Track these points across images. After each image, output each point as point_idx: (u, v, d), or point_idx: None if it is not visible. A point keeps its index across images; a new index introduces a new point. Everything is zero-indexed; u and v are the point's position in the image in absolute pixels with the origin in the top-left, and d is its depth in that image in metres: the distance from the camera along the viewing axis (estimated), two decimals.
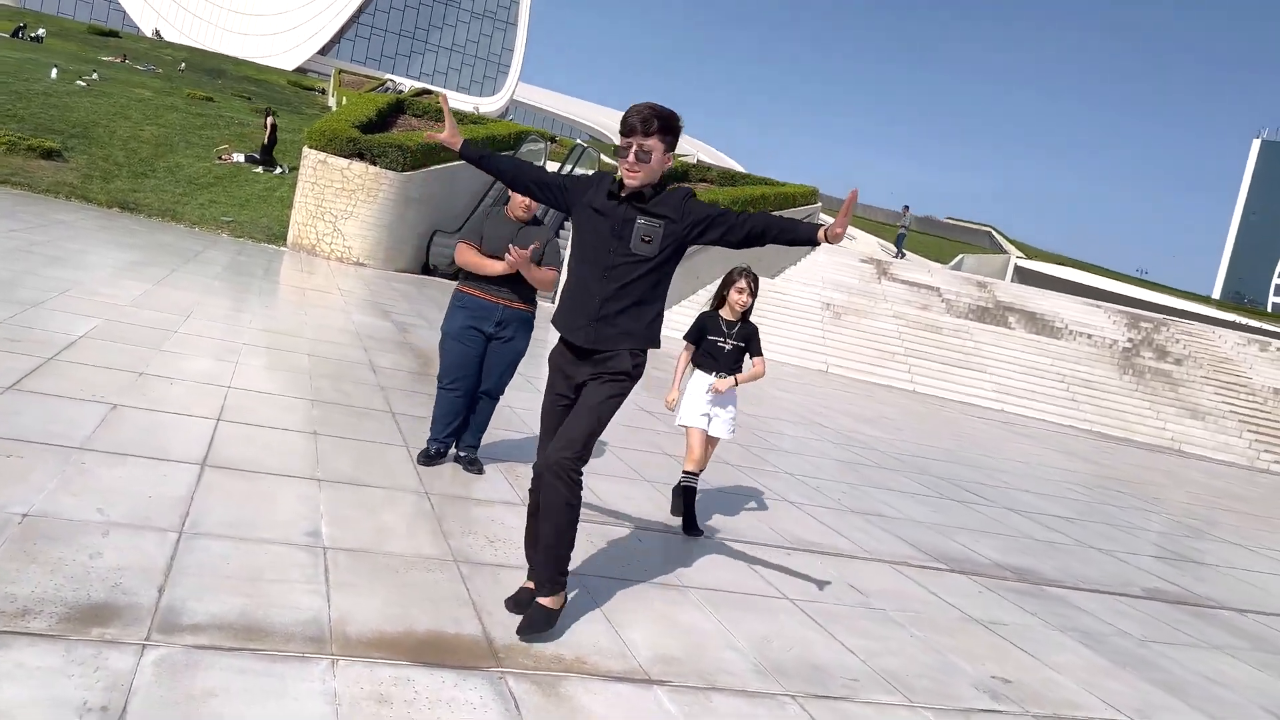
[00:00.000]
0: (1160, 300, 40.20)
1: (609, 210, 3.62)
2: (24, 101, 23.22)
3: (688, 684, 3.51)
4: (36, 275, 8.98)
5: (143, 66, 44.73)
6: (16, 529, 3.53)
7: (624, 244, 3.58)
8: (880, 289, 24.48)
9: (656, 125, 3.52)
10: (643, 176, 3.57)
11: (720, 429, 5.70)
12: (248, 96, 39.08)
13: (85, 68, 32.58)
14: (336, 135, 18.80)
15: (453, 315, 5.67)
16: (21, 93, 24.12)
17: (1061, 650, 4.88)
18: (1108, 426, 19.46)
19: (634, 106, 3.55)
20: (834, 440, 10.36)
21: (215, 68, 56.21)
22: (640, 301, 3.65)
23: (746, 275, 5.61)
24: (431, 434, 5.79)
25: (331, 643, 3.22)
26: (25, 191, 17.44)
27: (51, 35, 51.58)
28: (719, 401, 5.65)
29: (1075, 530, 8.25)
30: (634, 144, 3.52)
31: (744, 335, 5.63)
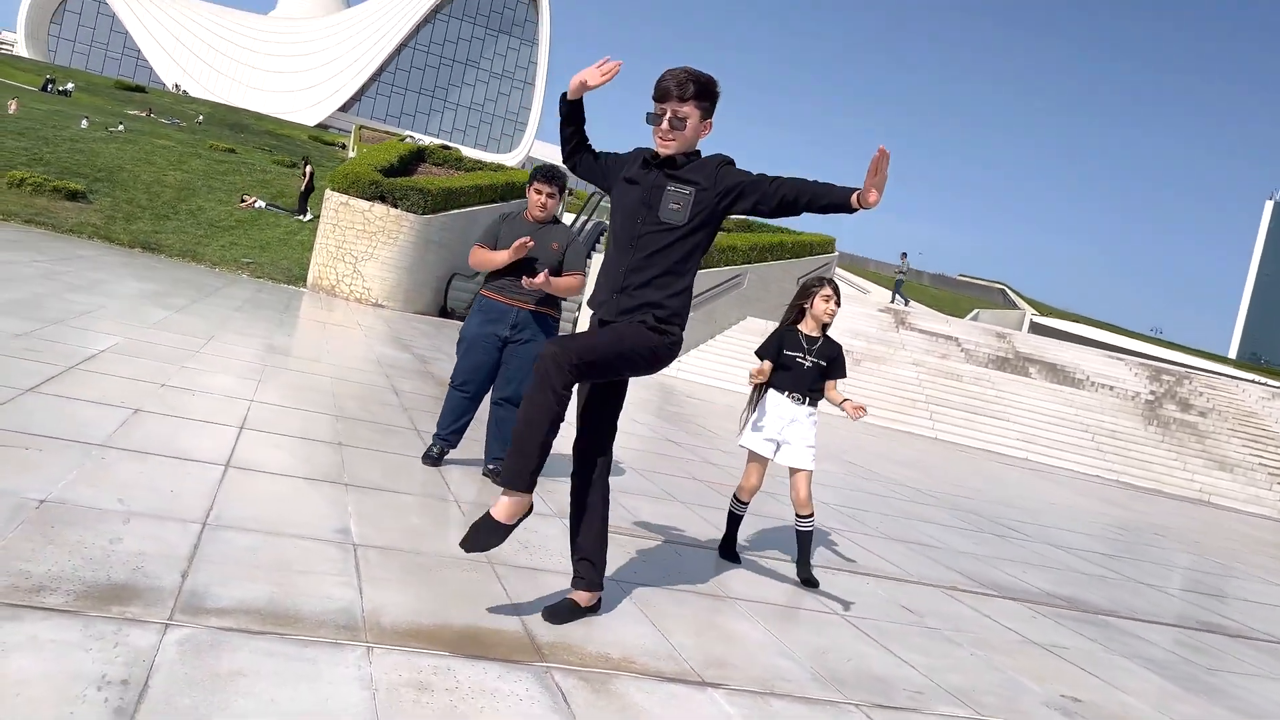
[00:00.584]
0: (1178, 358, 39.89)
1: (640, 178, 3.43)
2: (50, 147, 23.47)
3: (745, 688, 3.26)
4: (58, 299, 8.88)
5: (167, 120, 45.45)
6: (33, 512, 3.34)
7: (652, 212, 3.38)
8: (898, 337, 24.28)
9: (693, 90, 3.31)
10: (677, 145, 3.36)
11: (794, 458, 4.91)
12: (269, 149, 39.55)
13: (112, 120, 33.09)
14: (359, 178, 18.85)
15: (471, 318, 5.58)
16: (49, 139, 24.41)
17: (1129, 675, 4.59)
18: (1135, 477, 19.07)
19: (669, 70, 3.35)
20: (864, 475, 10.10)
21: (238, 122, 57.09)
22: (667, 273, 3.39)
23: (830, 283, 5.01)
24: (436, 430, 5.66)
25: (365, 631, 2.99)
26: (49, 231, 17.49)
27: (79, 90, 52.56)
28: (796, 429, 4.92)
29: (1121, 566, 7.95)
30: (668, 110, 3.32)
31: (827, 354, 4.96)
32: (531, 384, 3.24)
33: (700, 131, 3.41)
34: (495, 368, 5.49)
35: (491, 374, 5.51)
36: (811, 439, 4.96)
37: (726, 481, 7.51)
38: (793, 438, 4.92)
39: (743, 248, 21.57)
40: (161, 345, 7.64)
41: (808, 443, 4.94)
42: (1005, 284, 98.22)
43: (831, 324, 5.03)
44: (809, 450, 4.94)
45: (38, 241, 14.99)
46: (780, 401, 4.95)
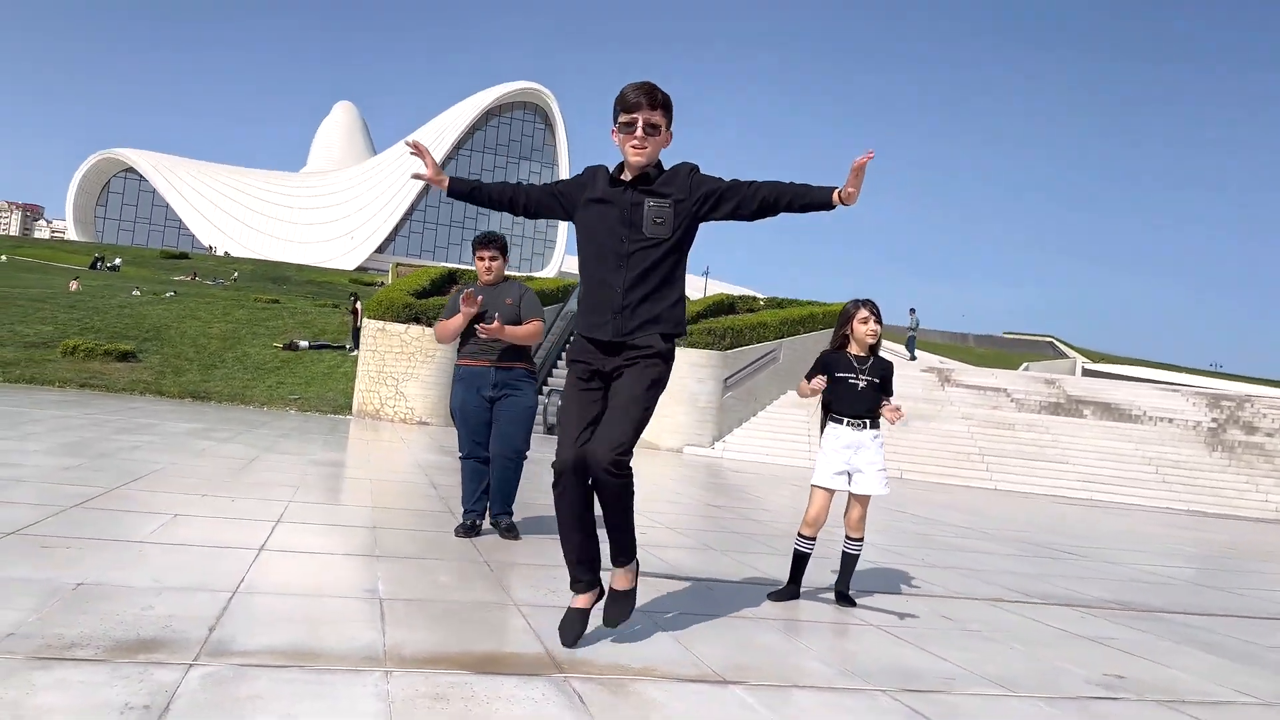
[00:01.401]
0: (1239, 389, 38.93)
1: (614, 198, 3.50)
2: (100, 315, 24.47)
3: (766, 684, 3.27)
4: (106, 440, 9.23)
5: (212, 281, 47.21)
6: (69, 594, 3.49)
7: (636, 230, 3.46)
8: (945, 394, 24.08)
9: (660, 98, 3.45)
10: (650, 152, 3.47)
11: (869, 485, 4.83)
12: (312, 296, 40.83)
13: (161, 289, 34.53)
14: (394, 303, 19.42)
15: (454, 390, 5.90)
16: (99, 308, 25.47)
17: (1180, 656, 4.48)
18: (1206, 504, 18.52)
19: (631, 84, 3.47)
20: (912, 520, 9.98)
21: (280, 275, 59.12)
22: (661, 285, 3.51)
23: (867, 304, 4.92)
24: (463, 505, 5.84)
25: (386, 660, 3.07)
26: (103, 391, 18.14)
27: (127, 264, 54.89)
28: (864, 455, 4.82)
29: (1187, 574, 7.74)
30: (639, 119, 3.42)
31: (879, 371, 4.87)
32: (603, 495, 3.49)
33: (666, 140, 3.53)
34: (489, 427, 5.72)
35: (488, 434, 5.76)
36: (881, 462, 4.88)
37: (766, 534, 7.50)
38: (862, 464, 4.82)
39: (774, 323, 21.72)
40: (205, 467, 7.89)
41: (878, 467, 4.85)
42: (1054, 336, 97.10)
43: (879, 344, 4.96)
44: (881, 474, 4.86)
45: (91, 400, 15.57)
46: (840, 432, 4.85)
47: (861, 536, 4.93)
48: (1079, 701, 3.46)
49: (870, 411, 4.85)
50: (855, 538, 4.91)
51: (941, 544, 8.11)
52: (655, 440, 19.46)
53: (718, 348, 20.00)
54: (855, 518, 4.89)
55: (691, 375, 19.66)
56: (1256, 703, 3.71)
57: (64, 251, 64.18)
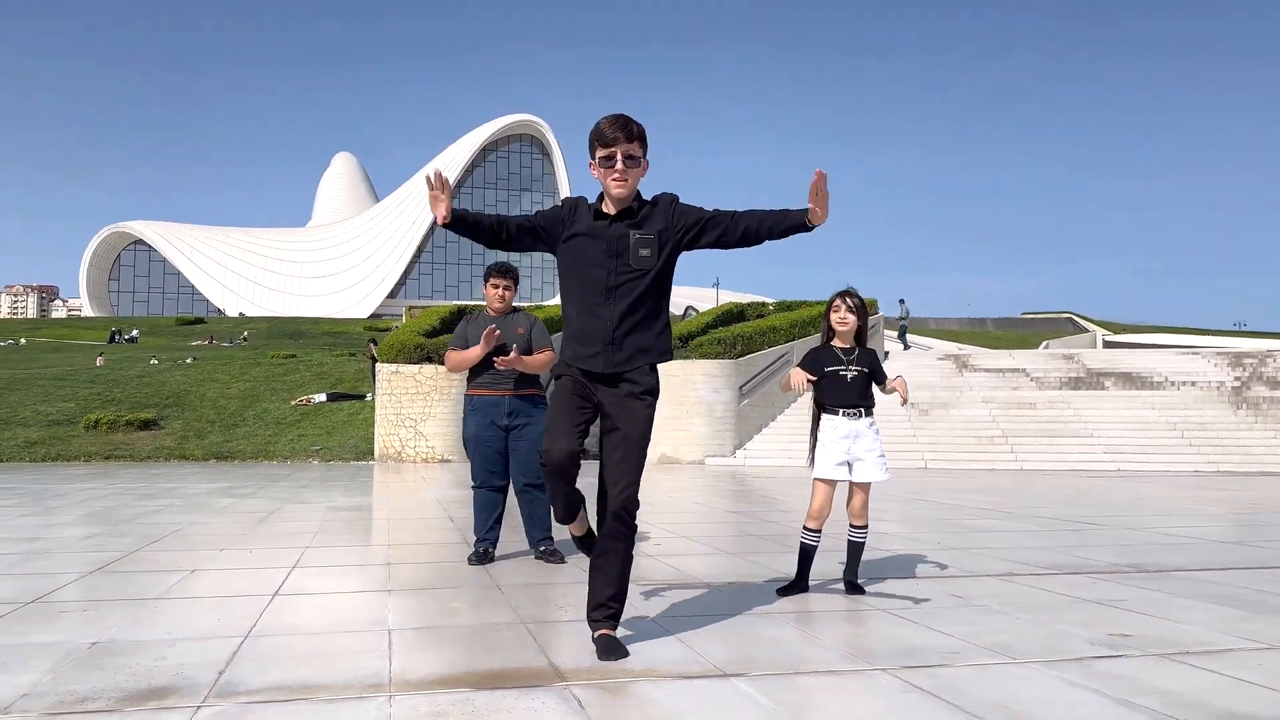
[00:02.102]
0: (1260, 345, 38.58)
1: (599, 232, 3.58)
2: (120, 387, 24.79)
3: (767, 674, 3.32)
4: (129, 507, 9.38)
5: (229, 342, 47.66)
6: (84, 653, 3.59)
7: (623, 261, 3.54)
8: (963, 380, 24.01)
9: (636, 129, 3.53)
10: (631, 183, 3.54)
11: (870, 472, 4.88)
12: (329, 347, 41.19)
13: (179, 355, 34.95)
14: (404, 345, 19.61)
15: (466, 419, 5.89)
16: (118, 380, 25.80)
17: (1189, 610, 4.49)
18: (1235, 464, 18.35)
19: (606, 118, 3.54)
20: (933, 508, 9.97)
21: (296, 330, 59.61)
22: (649, 315, 3.61)
23: (842, 295, 5.00)
24: (475, 534, 5.88)
25: (391, 686, 3.15)
26: (128, 461, 18.40)
27: (144, 334, 55.48)
28: (862, 443, 4.87)
29: (1207, 533, 7.71)
30: (618, 152, 3.49)
31: (866, 361, 4.94)
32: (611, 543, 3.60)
33: (643, 170, 3.61)
34: (505, 457, 5.76)
35: (504, 464, 5.79)
36: (879, 448, 4.95)
37: (780, 533, 7.54)
38: (861, 452, 4.88)
39: (784, 326, 21.77)
40: (225, 523, 8.01)
41: (876, 454, 4.91)
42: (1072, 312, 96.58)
43: (864, 331, 5.04)
44: (880, 461, 4.92)
45: (116, 471, 15.79)
46: (837, 423, 4.92)
47: (865, 524, 4.97)
48: (1081, 662, 3.49)
49: (863, 400, 4.91)
50: (859, 525, 4.95)
51: (958, 527, 8.12)
52: (675, 454, 19.51)
53: (729, 356, 20.05)
54: (858, 505, 4.93)
55: (706, 385, 19.71)
56: (1259, 647, 3.72)
57: (81, 329, 65.05)
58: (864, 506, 4.96)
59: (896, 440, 19.48)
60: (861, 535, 4.98)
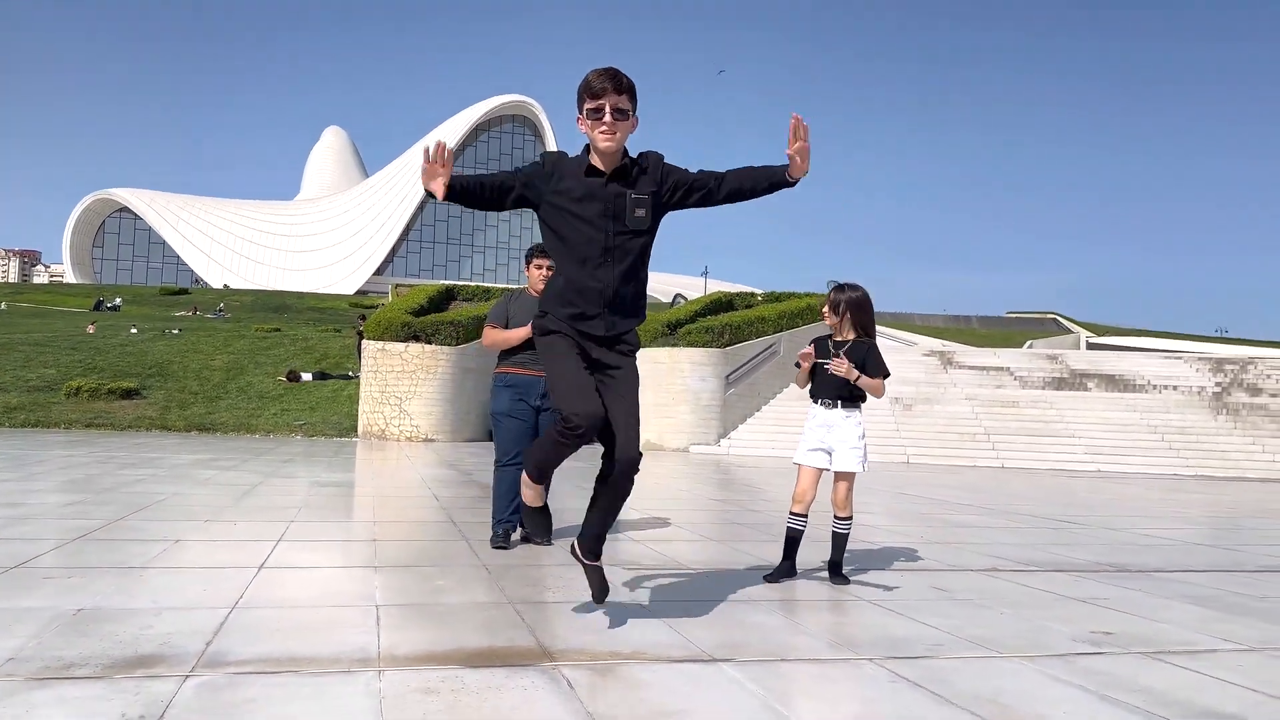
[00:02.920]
0: (1242, 352, 38.90)
1: (595, 191, 3.49)
2: (103, 355, 24.60)
3: (755, 659, 3.34)
4: (110, 475, 9.33)
5: (212, 314, 47.36)
6: (70, 619, 3.57)
7: (619, 222, 3.49)
8: (948, 377, 24.12)
9: (625, 82, 3.45)
10: (619, 137, 3.46)
11: (843, 462, 4.92)
12: (314, 322, 41.00)
13: (163, 325, 34.72)
14: (391, 323, 19.53)
15: (499, 395, 5.77)
16: (100, 348, 25.60)
17: (1168, 610, 4.54)
18: (1213, 469, 18.54)
19: (594, 71, 3.46)
20: (915, 502, 10.03)
21: (281, 304, 59.28)
22: (639, 277, 3.62)
23: (834, 289, 5.09)
24: (495, 516, 5.77)
25: (379, 661, 3.15)
26: (109, 430, 18.27)
27: (128, 303, 55.07)
28: (836, 433, 4.95)
29: (1185, 535, 7.79)
30: (607, 104, 3.41)
31: (856, 355, 4.94)
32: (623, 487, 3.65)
33: (632, 125, 3.53)
34: (533, 436, 5.68)
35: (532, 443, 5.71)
36: (854, 440, 4.98)
37: (765, 522, 7.57)
38: (834, 443, 4.96)
39: (772, 317, 21.79)
40: (208, 495, 7.99)
41: (850, 445, 4.95)
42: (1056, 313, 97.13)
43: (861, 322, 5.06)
44: (853, 452, 4.96)
45: (97, 439, 15.69)
46: (816, 411, 5.04)
47: (849, 515, 5.01)
48: (1064, 658, 3.52)
49: (840, 392, 4.98)
50: (842, 516, 4.99)
51: (941, 521, 8.17)
52: (660, 441, 19.53)
53: (717, 345, 20.07)
54: (839, 496, 4.99)
55: (693, 374, 19.73)
56: (1239, 649, 3.77)
57: (63, 295, 64.49)
58: (845, 497, 5.00)
59: (879, 435, 19.57)
60: (845, 526, 5.02)
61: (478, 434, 20.02)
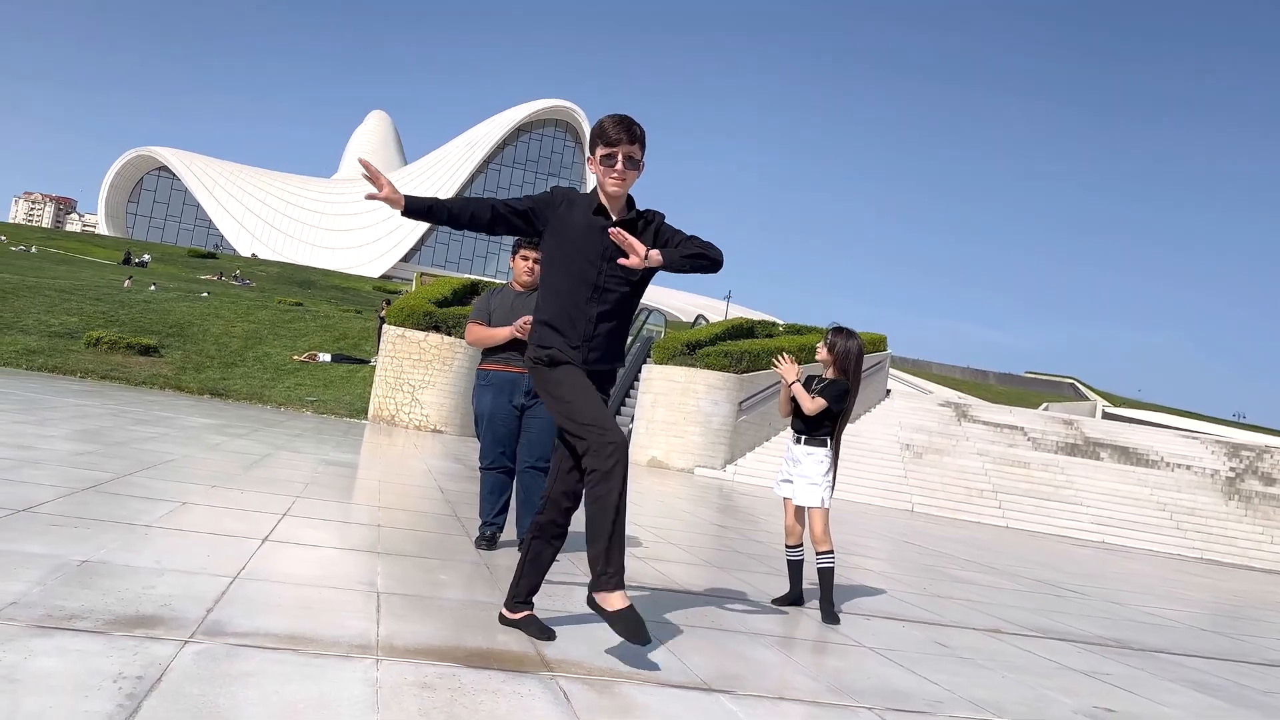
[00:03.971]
0: (1259, 440, 38.52)
1: (597, 230, 3.58)
2: (126, 309, 24.78)
3: (753, 694, 3.29)
4: (123, 430, 9.35)
5: (238, 282, 47.61)
6: (74, 569, 3.56)
7: (612, 265, 3.57)
8: (961, 429, 23.98)
9: (639, 132, 3.60)
10: (627, 184, 3.60)
11: (802, 495, 5.09)
12: (336, 301, 41.16)
13: (187, 286, 34.92)
14: (414, 310, 19.58)
15: (480, 395, 5.72)
16: (125, 302, 25.79)
17: (1173, 694, 4.47)
18: (1219, 553, 18.35)
19: (609, 118, 3.59)
20: (920, 552, 9.95)
21: (306, 279, 59.53)
22: (622, 320, 3.70)
23: (832, 331, 5.26)
24: (481, 518, 5.74)
25: (378, 650, 3.12)
26: (123, 384, 18.35)
27: (155, 260, 55.42)
28: (799, 467, 5.13)
29: (1190, 618, 7.69)
30: (619, 152, 3.54)
31: (828, 394, 5.08)
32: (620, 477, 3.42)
33: (640, 171, 3.66)
34: (517, 436, 5.63)
35: (515, 443, 5.65)
36: (815, 476, 5.11)
37: (767, 554, 7.52)
38: (796, 476, 5.18)
39: (791, 349, 21.72)
40: (217, 460, 7.99)
41: (810, 480, 5.12)
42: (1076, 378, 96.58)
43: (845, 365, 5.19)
44: (812, 488, 5.11)
45: (111, 391, 15.76)
46: (788, 445, 5.29)
47: (828, 550, 5.10)
48: None
49: (808, 429, 5.15)
50: (821, 551, 5.10)
51: (945, 575, 8.09)
52: (666, 460, 19.49)
53: (734, 370, 20.03)
54: (818, 533, 5.12)
55: (707, 396, 19.69)
56: None
57: (94, 245, 64.97)
58: (822, 532, 5.12)
59: (887, 479, 19.49)
60: (826, 560, 5.10)
61: None
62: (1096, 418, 42.56)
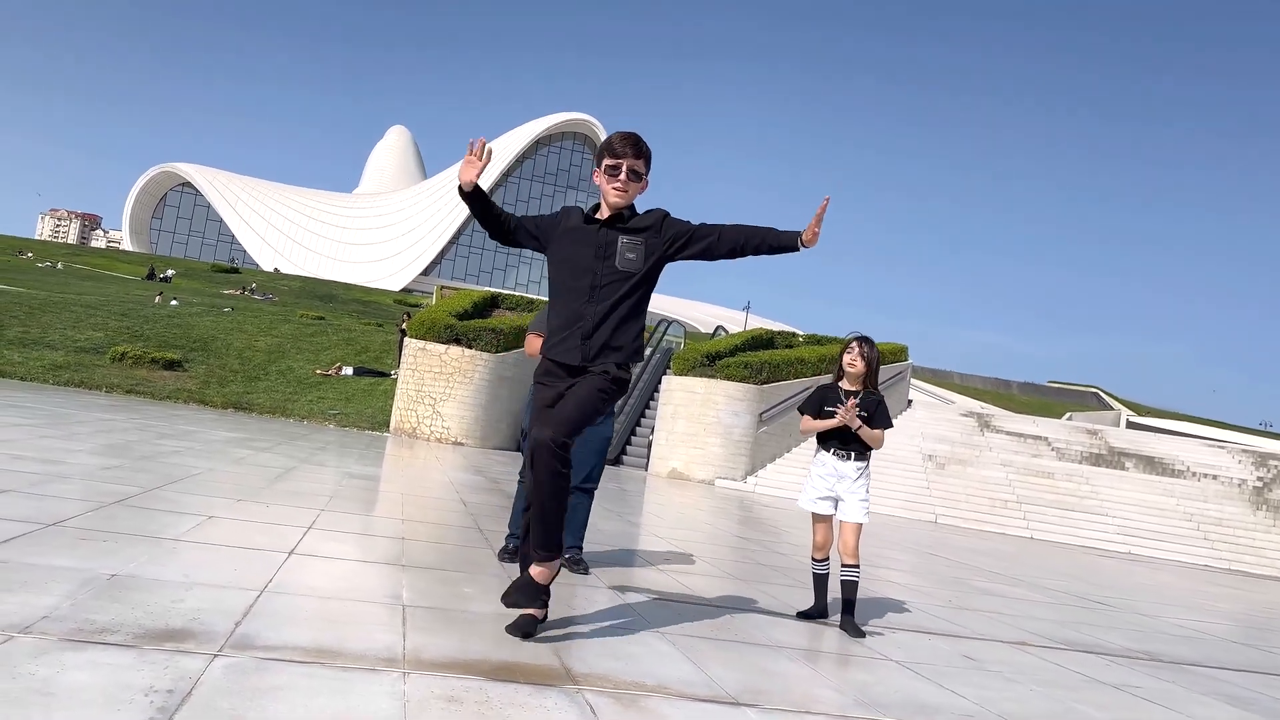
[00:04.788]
0: None
1: (589, 234, 3.78)
2: (150, 324, 24.99)
3: (779, 708, 3.28)
4: (149, 444, 9.43)
5: (260, 296, 47.94)
6: (104, 583, 3.59)
7: (609, 263, 3.73)
8: (984, 440, 23.83)
9: (645, 149, 3.78)
10: (630, 195, 3.78)
11: (850, 513, 5.03)
12: (357, 314, 41.41)
13: (211, 301, 35.22)
14: (435, 323, 19.66)
15: (528, 408, 5.72)
16: (149, 317, 26.02)
17: (1204, 707, 4.41)
18: (1248, 564, 18.11)
19: (618, 133, 3.80)
20: (945, 564, 9.89)
21: (328, 293, 59.92)
22: (627, 318, 3.78)
23: (858, 340, 5.14)
24: (510, 530, 5.75)
25: (404, 663, 3.13)
26: (148, 399, 18.51)
27: (179, 276, 55.92)
28: (846, 484, 5.04)
29: (1220, 630, 7.60)
30: (624, 164, 3.75)
31: (868, 406, 5.04)
32: (538, 474, 3.64)
33: (643, 187, 3.85)
34: None
35: None
36: (863, 493, 5.11)
37: (790, 566, 7.49)
38: (844, 493, 5.08)
39: (811, 360, 21.68)
40: (242, 474, 8.04)
41: (859, 497, 5.09)
42: (1099, 387, 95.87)
43: (871, 375, 5.15)
44: (861, 505, 5.09)
45: (136, 406, 15.90)
46: (824, 459, 5.16)
47: (855, 564, 5.06)
48: None
49: (853, 443, 5.07)
50: (849, 564, 5.07)
51: (971, 587, 8.03)
52: (686, 471, 19.46)
53: (754, 381, 19.99)
54: (847, 545, 5.07)
55: (727, 407, 19.66)
56: None
57: (118, 261, 65.63)
58: (854, 547, 5.08)
59: (910, 491, 19.38)
60: (852, 574, 5.06)
61: (507, 443, 20.05)
62: (1121, 427, 42.17)
